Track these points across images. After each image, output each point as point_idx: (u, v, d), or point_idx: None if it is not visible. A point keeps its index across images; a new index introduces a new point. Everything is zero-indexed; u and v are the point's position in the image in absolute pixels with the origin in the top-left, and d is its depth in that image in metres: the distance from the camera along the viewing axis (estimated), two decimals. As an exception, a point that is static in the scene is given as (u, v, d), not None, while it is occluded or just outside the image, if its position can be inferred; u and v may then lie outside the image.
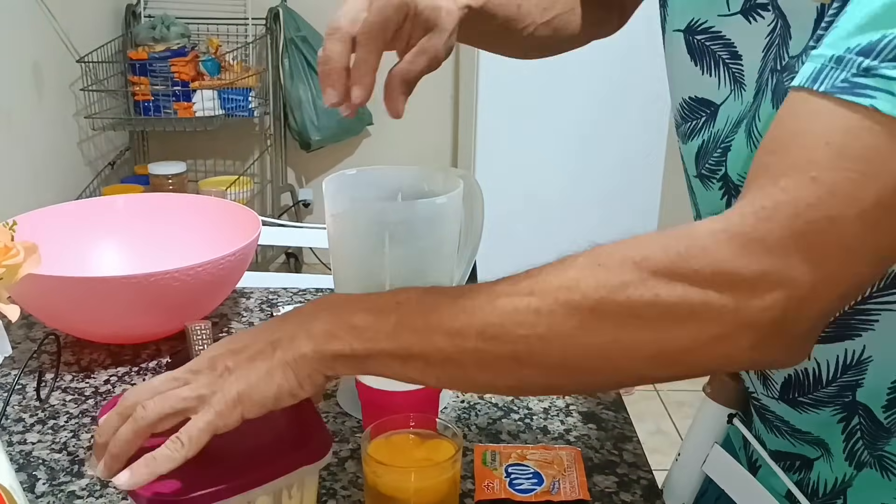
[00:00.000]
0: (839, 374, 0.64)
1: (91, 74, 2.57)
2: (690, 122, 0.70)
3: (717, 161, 0.66)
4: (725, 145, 0.64)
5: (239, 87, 2.73)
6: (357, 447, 0.81)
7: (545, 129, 2.68)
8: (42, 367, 0.96)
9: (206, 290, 0.96)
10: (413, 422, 0.69)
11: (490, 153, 2.69)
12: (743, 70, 0.64)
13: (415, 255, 0.82)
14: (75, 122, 2.55)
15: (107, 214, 1.13)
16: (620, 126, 2.66)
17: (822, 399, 0.67)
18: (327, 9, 3.15)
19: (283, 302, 1.14)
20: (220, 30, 2.86)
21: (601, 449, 0.83)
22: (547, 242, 2.82)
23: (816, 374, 0.66)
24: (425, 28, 0.66)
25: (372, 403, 0.74)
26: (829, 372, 0.65)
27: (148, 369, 0.95)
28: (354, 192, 0.83)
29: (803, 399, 0.68)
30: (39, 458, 0.79)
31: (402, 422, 0.69)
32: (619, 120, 2.64)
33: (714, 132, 0.67)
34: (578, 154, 2.69)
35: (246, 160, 3.09)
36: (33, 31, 2.29)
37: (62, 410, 0.87)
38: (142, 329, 0.98)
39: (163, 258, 0.97)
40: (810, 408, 0.68)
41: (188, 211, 1.14)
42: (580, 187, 2.73)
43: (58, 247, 1.03)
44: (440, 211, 0.81)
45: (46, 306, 0.94)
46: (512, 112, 2.65)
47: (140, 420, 0.56)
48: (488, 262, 1.49)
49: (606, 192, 2.73)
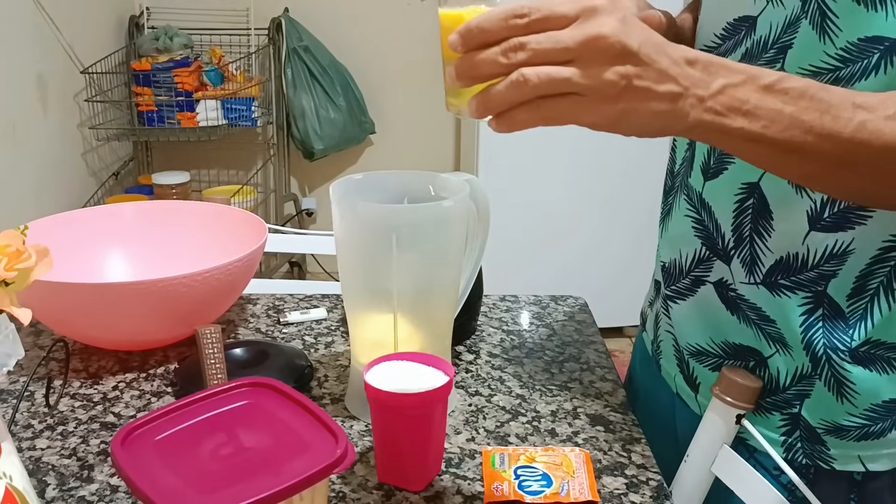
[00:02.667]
0: (822, 262, 0.73)
1: (95, 85, 2.59)
2: (731, 39, 0.77)
3: (771, 60, 0.72)
4: (782, 44, 0.71)
5: (242, 97, 2.75)
6: (366, 450, 0.81)
7: (548, 136, 2.68)
8: (51, 373, 0.96)
9: (213, 295, 0.96)
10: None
11: (492, 161, 2.69)
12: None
13: (421, 258, 0.82)
14: (79, 133, 2.56)
15: (115, 222, 1.14)
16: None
17: (799, 283, 0.75)
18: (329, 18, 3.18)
19: (290, 308, 1.14)
20: (222, 40, 2.88)
21: (609, 451, 0.83)
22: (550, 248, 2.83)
23: (804, 258, 0.74)
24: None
25: (381, 405, 0.74)
26: (814, 258, 0.73)
27: (156, 375, 0.96)
28: (361, 195, 0.84)
29: (784, 281, 0.76)
30: (49, 464, 0.79)
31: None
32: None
33: (756, 39, 0.74)
34: (581, 160, 2.69)
35: (249, 170, 3.11)
36: (37, 43, 2.30)
37: (71, 417, 0.87)
38: (150, 335, 0.98)
39: (171, 265, 0.97)
40: (785, 291, 0.76)
41: (195, 218, 1.15)
42: (583, 193, 2.73)
43: (66, 254, 1.03)
44: (447, 214, 0.81)
45: (55, 313, 0.95)
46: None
47: (521, 83, 0.53)
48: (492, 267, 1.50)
49: (610, 197, 2.74)
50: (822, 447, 0.77)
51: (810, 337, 0.75)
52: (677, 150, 0.90)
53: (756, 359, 0.80)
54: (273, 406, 0.68)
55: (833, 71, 0.67)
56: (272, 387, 0.70)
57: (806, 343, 0.75)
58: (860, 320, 0.73)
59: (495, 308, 1.16)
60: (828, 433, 0.77)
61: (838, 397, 0.75)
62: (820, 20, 0.68)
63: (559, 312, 1.15)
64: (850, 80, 0.67)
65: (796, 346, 0.76)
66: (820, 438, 0.77)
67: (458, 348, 1.03)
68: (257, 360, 0.92)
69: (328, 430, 0.64)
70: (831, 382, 0.75)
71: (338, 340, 1.05)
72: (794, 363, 0.77)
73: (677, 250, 0.87)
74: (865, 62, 0.66)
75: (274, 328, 1.08)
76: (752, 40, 0.75)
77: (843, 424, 0.76)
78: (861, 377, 0.74)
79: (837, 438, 0.76)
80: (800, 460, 0.78)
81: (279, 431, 0.65)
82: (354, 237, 0.83)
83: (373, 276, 0.84)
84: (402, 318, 0.84)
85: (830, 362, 0.75)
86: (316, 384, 0.94)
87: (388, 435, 0.75)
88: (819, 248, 0.73)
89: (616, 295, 2.65)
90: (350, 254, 0.84)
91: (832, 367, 0.75)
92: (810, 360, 0.76)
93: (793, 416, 0.78)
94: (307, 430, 0.65)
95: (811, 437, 0.78)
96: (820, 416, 0.77)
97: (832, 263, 0.73)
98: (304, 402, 0.67)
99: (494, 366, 1.00)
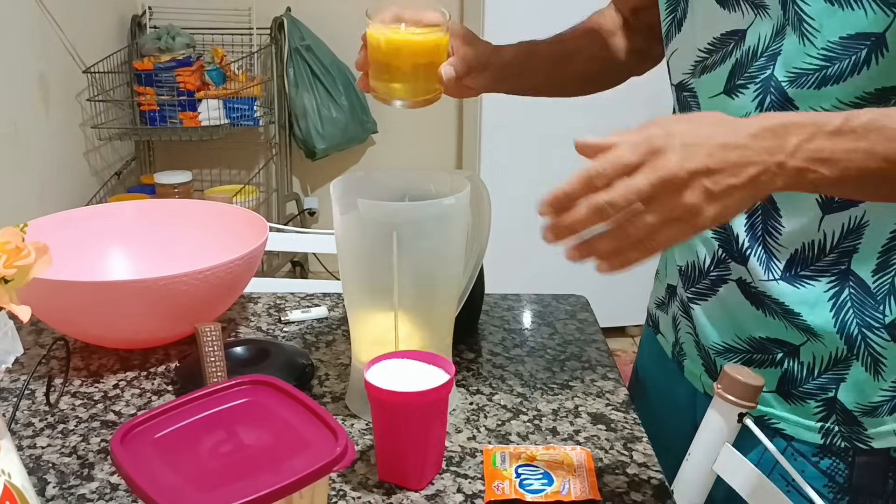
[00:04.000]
0: (841, 241, 0.75)
1: (97, 85, 2.59)
2: (719, 52, 0.80)
3: (761, 66, 0.75)
4: (771, 52, 0.74)
5: (244, 97, 2.75)
6: (367, 449, 0.81)
7: (549, 134, 2.67)
8: (51, 371, 0.96)
9: (214, 294, 0.96)
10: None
11: (494, 160, 2.69)
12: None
13: (422, 255, 0.82)
14: (81, 133, 2.56)
15: (116, 220, 1.14)
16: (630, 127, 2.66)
17: (821, 269, 0.77)
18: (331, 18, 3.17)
19: (291, 306, 1.14)
20: (224, 40, 2.88)
21: (611, 449, 0.83)
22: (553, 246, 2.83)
23: (821, 243, 0.76)
24: (463, 39, 0.90)
25: (381, 403, 0.74)
26: (833, 240, 0.75)
27: (157, 373, 0.96)
28: (362, 193, 0.84)
29: (804, 272, 0.77)
30: (49, 462, 0.79)
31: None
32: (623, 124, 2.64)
33: (746, 49, 0.77)
34: (582, 158, 2.69)
35: (251, 169, 3.10)
36: (40, 43, 2.30)
37: (71, 415, 0.87)
38: (151, 334, 0.98)
39: (172, 263, 0.97)
40: (808, 281, 0.77)
41: (196, 217, 1.15)
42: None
43: (68, 252, 1.03)
44: (447, 212, 0.81)
45: (55, 311, 0.94)
46: (516, 118, 2.65)
47: (622, 236, 0.59)
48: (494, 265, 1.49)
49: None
50: (860, 428, 0.79)
51: (842, 319, 0.77)
52: None
53: (786, 349, 0.81)
54: (273, 404, 0.68)
55: (819, 70, 0.71)
56: (272, 385, 0.70)
57: (839, 326, 0.77)
58: (888, 294, 0.76)
59: (497, 307, 1.16)
60: (864, 414, 0.79)
61: (875, 375, 0.78)
62: (799, 25, 0.71)
63: (561, 311, 1.15)
64: (841, 77, 0.70)
65: (828, 332, 0.77)
66: (856, 420, 0.79)
67: (459, 346, 1.03)
68: (258, 359, 0.92)
69: (328, 428, 0.64)
70: (868, 362, 0.77)
71: (339, 339, 1.05)
72: (828, 349, 0.78)
73: (694, 252, 0.87)
74: (854, 57, 0.68)
75: (275, 327, 1.08)
76: (742, 51, 0.77)
77: (877, 402, 0.78)
78: (893, 351, 0.77)
79: (873, 417, 0.79)
80: (839, 444, 0.80)
81: (279, 429, 0.65)
82: (355, 235, 0.83)
83: (373, 274, 0.83)
84: (403, 316, 0.84)
85: (867, 341, 0.77)
86: (317, 382, 0.94)
87: (388, 433, 0.75)
88: (836, 228, 0.75)
89: (618, 294, 2.64)
90: (350, 252, 0.84)
91: (868, 346, 0.77)
92: (845, 342, 0.77)
93: (828, 400, 0.80)
94: (307, 428, 0.64)
95: (847, 420, 0.79)
96: (856, 398, 0.79)
97: (850, 239, 0.75)
98: (304, 399, 0.67)
99: (496, 364, 0.99)
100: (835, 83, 0.70)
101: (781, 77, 0.73)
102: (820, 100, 0.72)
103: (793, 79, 0.72)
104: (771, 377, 0.82)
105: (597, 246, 0.61)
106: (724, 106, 0.79)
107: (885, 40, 0.67)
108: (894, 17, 0.66)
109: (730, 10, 0.78)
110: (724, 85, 0.79)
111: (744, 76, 0.77)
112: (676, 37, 0.86)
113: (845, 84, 0.70)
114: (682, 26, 0.85)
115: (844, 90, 0.70)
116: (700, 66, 0.82)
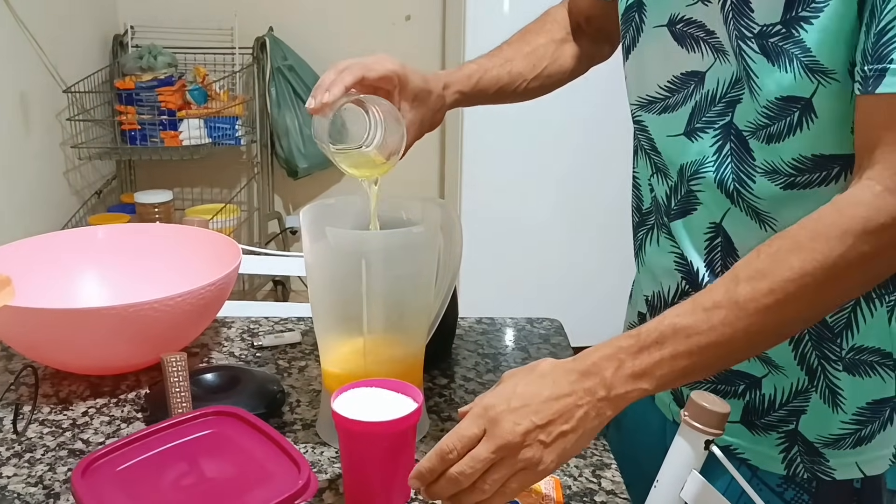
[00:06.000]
0: None
1: (78, 104, 2.58)
2: (680, 92, 0.81)
3: (721, 112, 0.77)
4: (731, 98, 0.75)
5: (226, 116, 2.75)
6: (336, 477, 0.81)
7: (531, 159, 2.69)
8: (20, 399, 0.95)
9: (185, 320, 0.95)
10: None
11: (476, 183, 2.69)
12: (720, 40, 0.76)
13: (391, 284, 0.82)
14: (62, 152, 2.56)
15: (87, 245, 1.13)
16: (606, 155, 2.67)
17: None
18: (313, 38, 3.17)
19: (265, 331, 1.14)
20: (206, 59, 2.88)
21: (579, 476, 0.83)
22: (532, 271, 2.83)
23: None
24: (413, 100, 0.86)
25: (348, 433, 0.74)
26: None
27: (127, 400, 0.95)
28: (331, 221, 0.84)
29: None
30: (14, 492, 0.78)
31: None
32: (605, 149, 2.66)
33: (706, 92, 0.78)
34: (564, 183, 2.70)
35: (233, 188, 3.10)
36: (20, 62, 2.30)
37: (39, 443, 0.87)
38: (121, 360, 0.98)
39: (143, 289, 0.96)
40: None
41: (169, 241, 1.14)
42: (566, 216, 2.74)
43: (38, 278, 1.03)
44: (416, 240, 0.81)
45: (24, 338, 0.94)
46: (498, 142, 2.66)
47: (481, 490, 0.66)
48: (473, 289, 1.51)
49: (592, 221, 2.74)
50: (821, 458, 0.81)
51: (802, 351, 0.79)
52: (642, 189, 0.91)
53: (748, 380, 0.82)
54: (237, 435, 0.68)
55: (764, 128, 0.72)
56: (236, 415, 0.70)
57: (799, 358, 0.79)
58: (844, 329, 0.78)
59: (471, 330, 1.16)
60: (825, 446, 0.80)
61: (833, 407, 0.80)
62: (748, 79, 0.73)
63: (535, 335, 1.15)
64: (780, 137, 0.71)
65: (789, 364, 0.80)
66: (818, 451, 0.80)
67: (432, 372, 1.03)
68: (228, 386, 0.91)
69: (291, 460, 0.64)
70: (825, 393, 0.79)
71: (311, 365, 1.05)
72: (789, 380, 0.80)
73: (658, 283, 0.88)
74: (789, 119, 0.70)
75: (248, 352, 1.08)
76: (701, 94, 0.78)
77: (838, 434, 0.80)
78: (849, 383, 0.79)
79: (835, 449, 0.80)
80: (801, 474, 0.81)
81: (242, 461, 0.65)
82: (324, 263, 0.83)
83: (343, 302, 0.83)
84: (373, 344, 0.84)
85: (825, 373, 0.79)
86: (288, 409, 0.94)
87: (355, 462, 0.75)
88: None
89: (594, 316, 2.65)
90: (320, 279, 0.84)
91: (826, 377, 0.79)
92: (806, 373, 0.80)
93: (789, 432, 0.81)
94: (270, 460, 0.64)
95: (810, 451, 0.81)
96: (817, 430, 0.80)
97: None
98: (268, 431, 0.67)
99: (468, 390, 0.99)
100: (776, 142, 0.72)
101: (742, 126, 0.75)
102: (771, 154, 0.73)
103: (752, 130, 0.74)
104: (735, 407, 0.83)
105: (462, 500, 0.67)
106: (683, 147, 0.80)
107: (813, 106, 0.68)
108: (818, 85, 0.67)
109: (688, 49, 0.79)
110: (684, 126, 0.80)
111: (702, 120, 0.78)
112: (626, 62, 0.88)
113: (785, 144, 0.71)
114: (630, 53, 0.86)
115: (787, 150, 0.71)
116: (661, 105, 0.83)
